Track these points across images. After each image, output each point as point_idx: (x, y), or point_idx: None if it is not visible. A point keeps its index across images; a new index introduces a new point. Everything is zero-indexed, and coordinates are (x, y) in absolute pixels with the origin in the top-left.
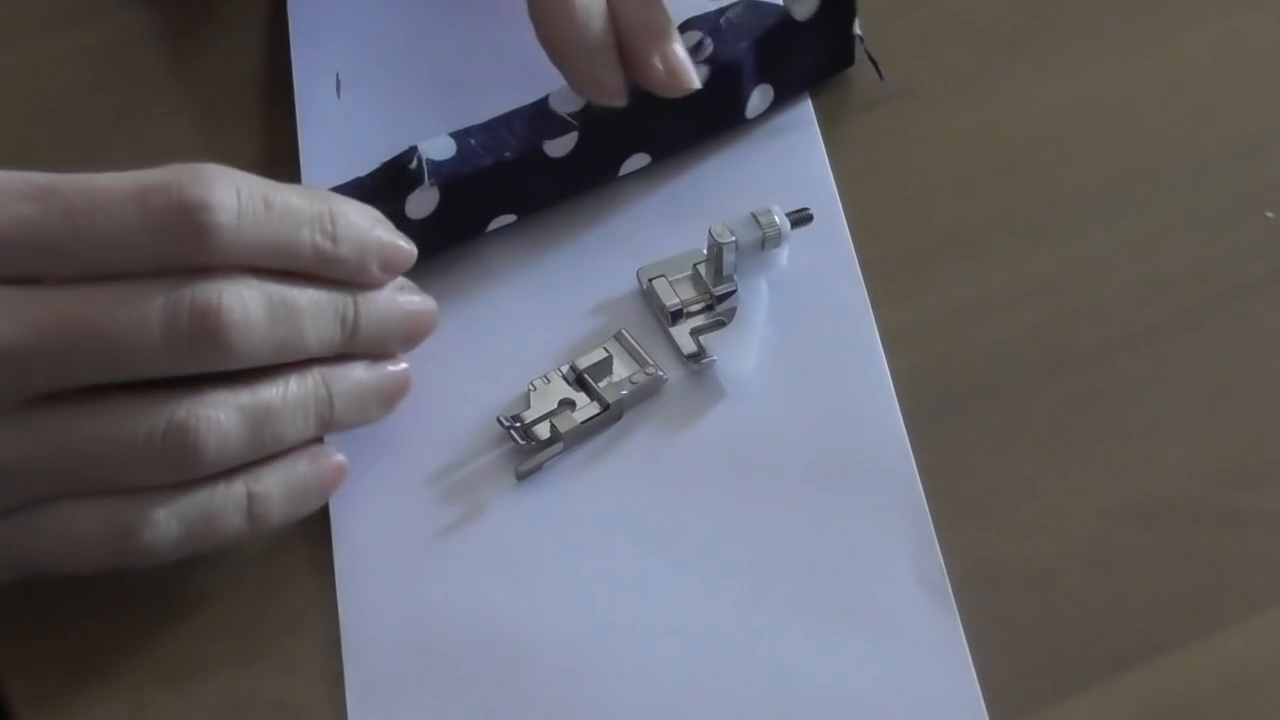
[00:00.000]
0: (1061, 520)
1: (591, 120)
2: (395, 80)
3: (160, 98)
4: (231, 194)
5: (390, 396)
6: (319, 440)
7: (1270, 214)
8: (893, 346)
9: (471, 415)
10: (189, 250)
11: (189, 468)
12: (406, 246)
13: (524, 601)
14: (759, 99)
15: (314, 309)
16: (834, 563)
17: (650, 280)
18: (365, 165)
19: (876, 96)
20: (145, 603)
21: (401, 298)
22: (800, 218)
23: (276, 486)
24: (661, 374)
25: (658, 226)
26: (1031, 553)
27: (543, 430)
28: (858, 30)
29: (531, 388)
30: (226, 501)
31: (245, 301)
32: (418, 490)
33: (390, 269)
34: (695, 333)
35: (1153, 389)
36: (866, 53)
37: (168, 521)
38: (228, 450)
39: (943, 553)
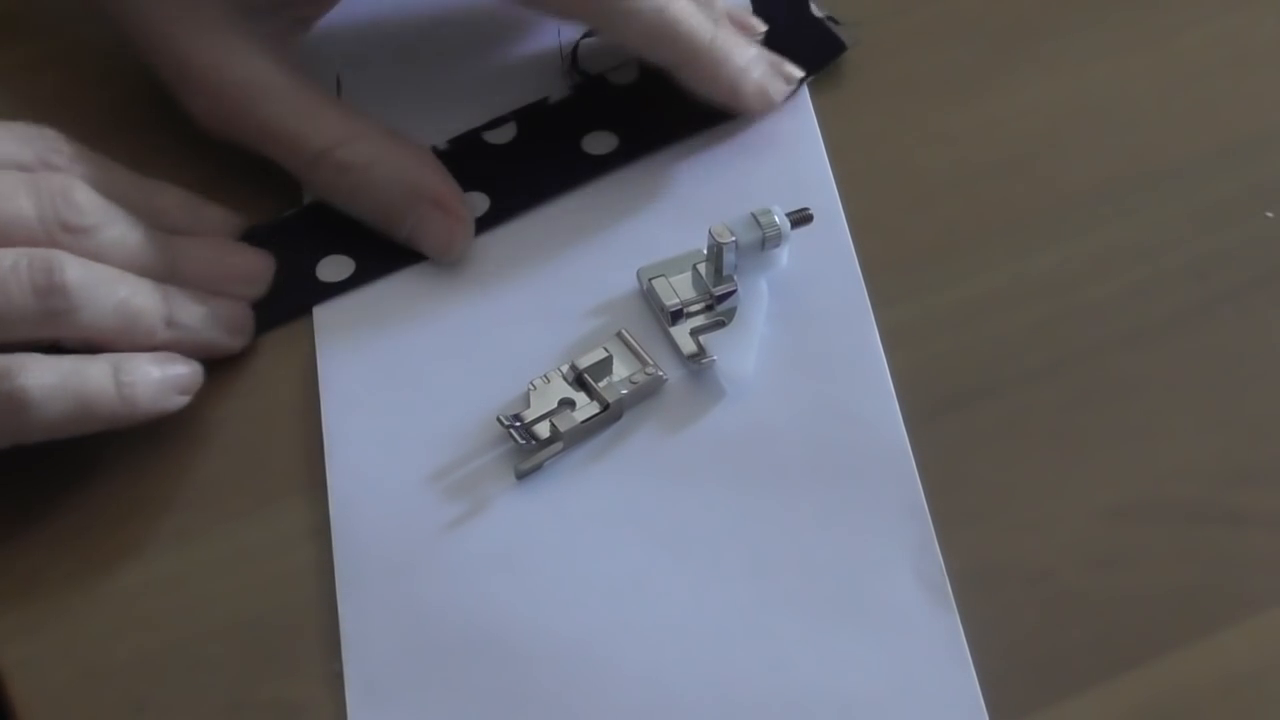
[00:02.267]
0: (1061, 520)
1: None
2: (396, 80)
3: (161, 97)
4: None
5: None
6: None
7: (1270, 214)
8: (893, 346)
9: (471, 415)
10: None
11: (57, 297)
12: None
13: (524, 601)
14: None
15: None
16: (834, 562)
17: (650, 280)
18: None
19: (877, 97)
20: (146, 602)
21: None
22: (800, 218)
23: (144, 359)
24: (661, 374)
25: (658, 226)
26: (1031, 553)
27: (543, 430)
28: (817, 11)
29: (531, 387)
30: (92, 368)
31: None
32: (418, 490)
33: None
34: (695, 333)
35: (1153, 389)
36: (823, 19)
37: (44, 372)
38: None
39: (943, 553)
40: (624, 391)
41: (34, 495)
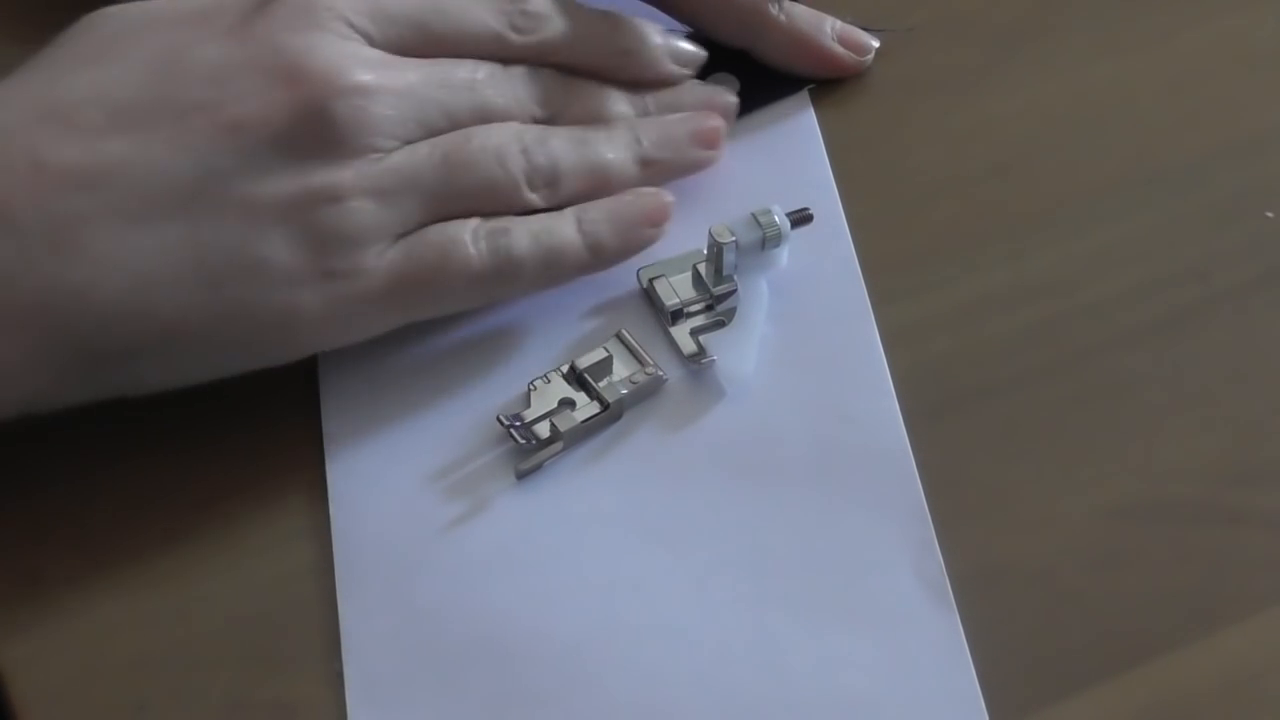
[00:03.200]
0: (1061, 520)
1: None
2: None
3: None
4: None
5: (701, 136)
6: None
7: (1270, 214)
8: (893, 346)
9: (471, 415)
10: (520, 29)
11: (529, 172)
12: (695, 47)
13: (524, 601)
14: (723, 80)
15: (613, 97)
16: (834, 562)
17: (650, 280)
18: None
19: (876, 97)
20: (146, 602)
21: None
22: (800, 218)
23: (603, 212)
24: (661, 374)
25: None
26: (1031, 553)
27: (543, 429)
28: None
29: (531, 387)
30: (562, 221)
31: (558, 84)
32: (418, 489)
33: (682, 64)
34: (695, 333)
35: (1153, 389)
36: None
37: (523, 234)
38: (561, 164)
39: (943, 553)
40: (624, 391)
41: (34, 495)
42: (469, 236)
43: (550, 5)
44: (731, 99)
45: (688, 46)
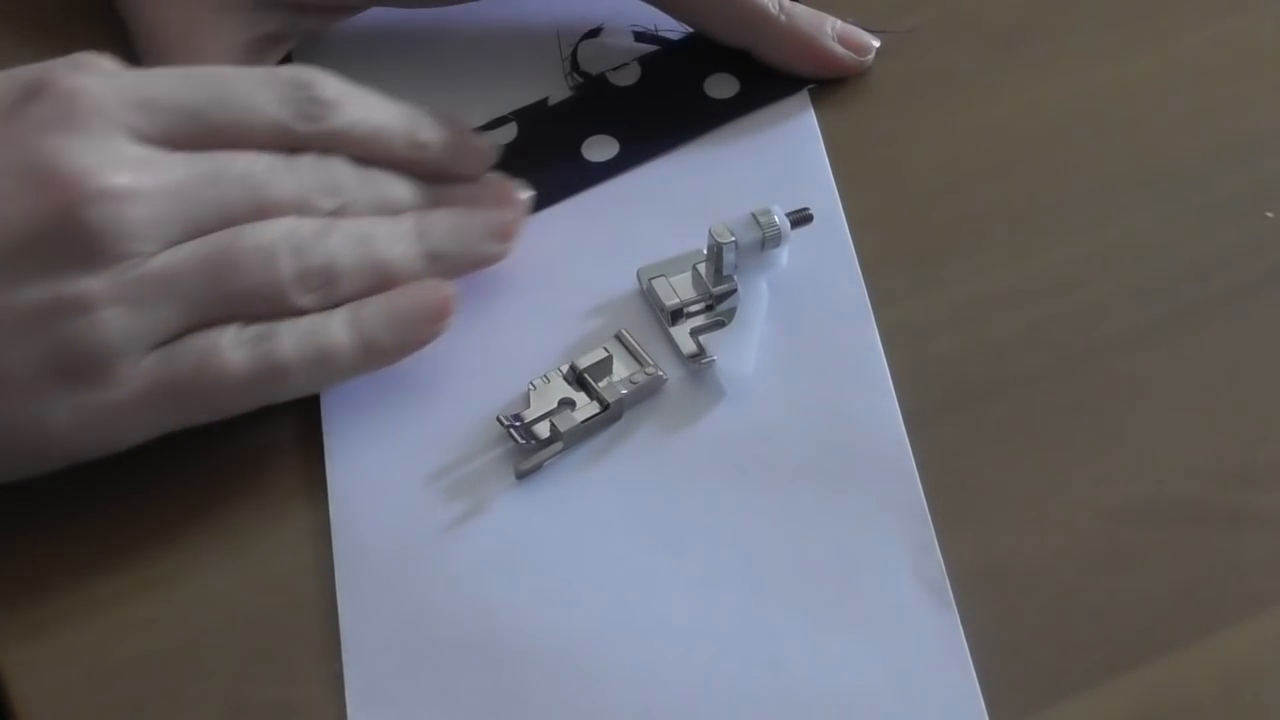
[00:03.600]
0: (1061, 520)
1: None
2: (396, 80)
3: None
4: (338, 83)
5: (493, 230)
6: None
7: (1270, 214)
8: (893, 346)
9: (471, 415)
10: (308, 117)
11: (302, 274)
12: (489, 143)
13: (524, 601)
14: (722, 80)
15: (404, 188)
16: (834, 562)
17: (650, 280)
18: None
19: (877, 97)
20: (146, 603)
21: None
22: (800, 218)
23: (378, 310)
24: (661, 374)
25: (658, 226)
26: (1031, 553)
27: (543, 429)
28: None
29: (531, 387)
30: (332, 322)
31: (348, 174)
32: (418, 489)
33: (477, 161)
34: (695, 333)
35: (1153, 389)
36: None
37: (288, 338)
38: (339, 263)
39: (943, 553)
40: (624, 391)
41: (34, 495)
42: (229, 343)
43: (341, 92)
44: (526, 193)
45: (483, 139)
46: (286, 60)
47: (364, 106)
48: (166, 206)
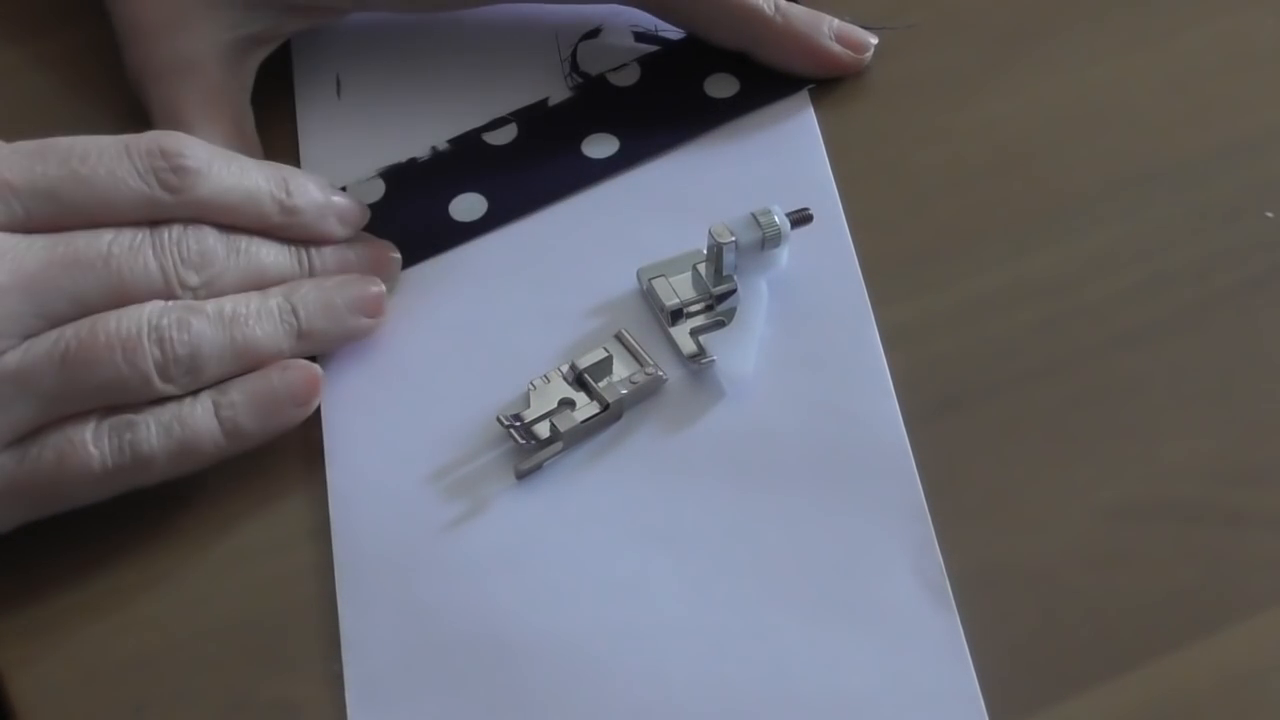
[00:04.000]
0: (1061, 520)
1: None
2: (396, 80)
3: None
4: (202, 148)
5: (361, 304)
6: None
7: (1270, 214)
8: (893, 346)
9: (471, 415)
10: (171, 188)
11: (164, 364)
12: (359, 205)
13: (524, 600)
14: (722, 80)
15: (274, 255)
16: (834, 562)
17: (650, 280)
18: (365, 166)
19: (876, 97)
20: (145, 603)
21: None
22: (800, 218)
23: (243, 395)
24: (661, 374)
25: (658, 226)
26: (1031, 553)
27: (543, 429)
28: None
29: (531, 387)
30: (195, 409)
31: (216, 244)
32: (418, 489)
33: (347, 224)
34: (695, 333)
35: (1153, 388)
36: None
37: (150, 428)
38: (204, 349)
39: (943, 553)
40: (624, 391)
41: None
42: (89, 437)
43: (205, 159)
44: (395, 256)
45: (352, 204)
46: (285, 55)
47: (229, 173)
48: (19, 301)
